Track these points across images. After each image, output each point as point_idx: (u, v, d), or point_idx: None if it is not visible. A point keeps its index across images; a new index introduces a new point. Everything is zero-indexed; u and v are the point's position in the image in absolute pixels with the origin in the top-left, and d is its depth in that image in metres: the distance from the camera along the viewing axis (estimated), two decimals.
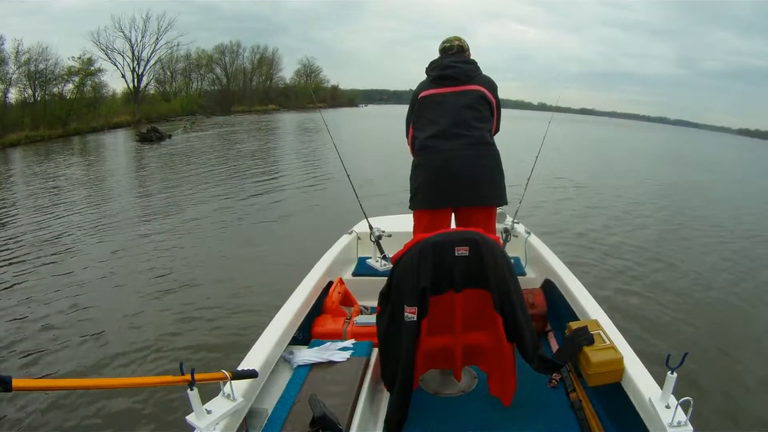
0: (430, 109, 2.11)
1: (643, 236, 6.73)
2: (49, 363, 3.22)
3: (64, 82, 25.18)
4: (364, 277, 2.76)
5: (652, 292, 4.61)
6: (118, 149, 17.09)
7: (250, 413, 1.50)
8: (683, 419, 1.25)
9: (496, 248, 1.62)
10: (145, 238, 6.07)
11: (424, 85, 2.18)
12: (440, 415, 1.74)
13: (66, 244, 5.86)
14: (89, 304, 4.13)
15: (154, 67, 35.34)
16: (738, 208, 9.62)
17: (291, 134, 22.97)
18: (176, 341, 3.47)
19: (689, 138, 49.98)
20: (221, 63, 42.89)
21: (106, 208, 7.73)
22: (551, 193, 9.30)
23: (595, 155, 19.78)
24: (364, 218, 3.03)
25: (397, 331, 1.62)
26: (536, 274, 2.70)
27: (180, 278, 4.73)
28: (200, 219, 6.98)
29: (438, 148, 2.05)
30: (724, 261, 5.79)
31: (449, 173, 2.03)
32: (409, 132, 2.23)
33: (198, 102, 36.13)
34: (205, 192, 8.85)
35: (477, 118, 2.08)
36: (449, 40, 2.22)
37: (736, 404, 2.89)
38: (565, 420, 1.69)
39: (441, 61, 2.16)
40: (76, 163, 13.51)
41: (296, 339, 1.97)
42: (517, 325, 1.62)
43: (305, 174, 10.87)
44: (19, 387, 0.88)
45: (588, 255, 5.59)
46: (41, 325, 3.75)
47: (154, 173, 11.43)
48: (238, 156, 13.99)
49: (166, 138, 17.70)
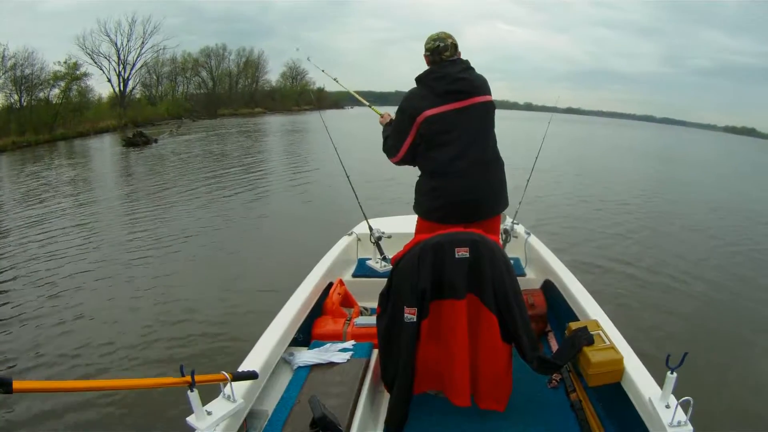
0: (442, 131, 1.96)
1: (643, 236, 6.73)
2: (50, 365, 3.22)
3: (50, 87, 24.98)
4: (364, 279, 2.77)
5: (653, 292, 4.61)
6: (105, 154, 16.98)
7: (250, 414, 1.50)
8: (683, 419, 1.26)
9: (496, 248, 1.62)
10: (145, 240, 6.07)
11: (423, 98, 1.97)
12: (440, 417, 1.74)
13: (64, 243, 5.86)
14: (89, 304, 4.13)
15: (140, 71, 35.19)
16: (740, 209, 9.62)
17: (280, 137, 22.87)
18: (176, 342, 3.47)
19: (674, 135, 50.27)
20: (207, 66, 42.73)
21: (106, 209, 7.74)
22: (550, 194, 9.30)
23: (588, 153, 19.83)
24: (364, 219, 3.03)
25: (397, 332, 1.62)
26: (536, 274, 2.71)
27: (179, 280, 4.73)
28: (196, 222, 6.96)
29: (457, 172, 1.97)
30: (725, 262, 5.79)
31: (473, 197, 1.99)
32: (403, 148, 2.04)
33: (184, 106, 35.83)
34: (198, 195, 8.79)
35: (489, 133, 2.04)
36: (441, 38, 1.99)
37: (737, 404, 2.89)
38: (565, 420, 1.69)
39: (446, 72, 1.96)
40: (64, 166, 13.36)
41: (296, 340, 1.97)
42: (516, 326, 1.62)
43: (302, 176, 10.87)
44: (19, 389, 0.88)
45: (588, 255, 5.59)
46: (41, 326, 3.75)
47: (145, 176, 11.26)
48: (229, 159, 13.90)
49: (152, 142, 17.61)
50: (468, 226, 2.03)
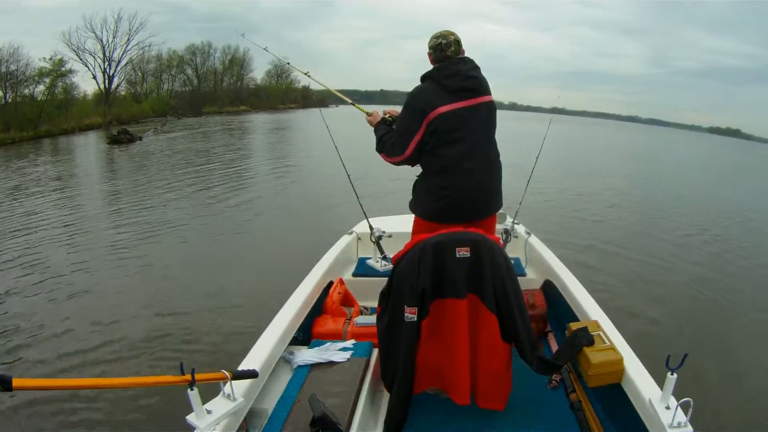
0: (453, 128, 1.95)
1: (643, 236, 6.73)
2: (49, 364, 3.22)
3: (35, 84, 24.48)
4: (365, 278, 2.77)
5: (653, 292, 4.61)
6: (90, 151, 16.85)
7: (250, 413, 1.50)
8: (683, 420, 1.26)
9: (496, 248, 1.62)
10: (143, 239, 6.07)
11: (435, 95, 1.95)
12: (440, 416, 1.74)
13: (61, 240, 5.87)
14: (88, 304, 4.13)
15: (125, 68, 34.50)
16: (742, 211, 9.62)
17: (268, 135, 22.79)
18: (176, 341, 3.47)
19: (658, 136, 50.34)
20: (192, 64, 42.07)
21: (104, 211, 7.74)
22: (550, 193, 9.30)
23: (578, 153, 19.81)
24: (365, 219, 3.03)
25: (397, 331, 1.62)
26: (536, 274, 2.70)
27: (178, 279, 4.73)
28: (192, 221, 6.94)
29: (466, 170, 1.97)
30: (726, 262, 5.79)
31: (477, 196, 2.02)
32: (411, 145, 1.99)
33: (169, 103, 35.33)
34: (195, 195, 8.71)
35: (492, 133, 2.07)
36: (443, 35, 2.00)
37: (737, 404, 2.88)
38: (565, 421, 1.69)
39: (458, 69, 1.96)
40: (49, 163, 13.14)
41: (296, 339, 1.97)
42: (516, 326, 1.62)
43: (300, 175, 10.85)
44: (19, 386, 0.88)
45: (587, 255, 5.59)
46: (40, 325, 3.75)
47: (134, 175, 11.00)
48: (220, 158, 13.79)
49: (137, 140, 17.53)
50: (467, 226, 2.03)
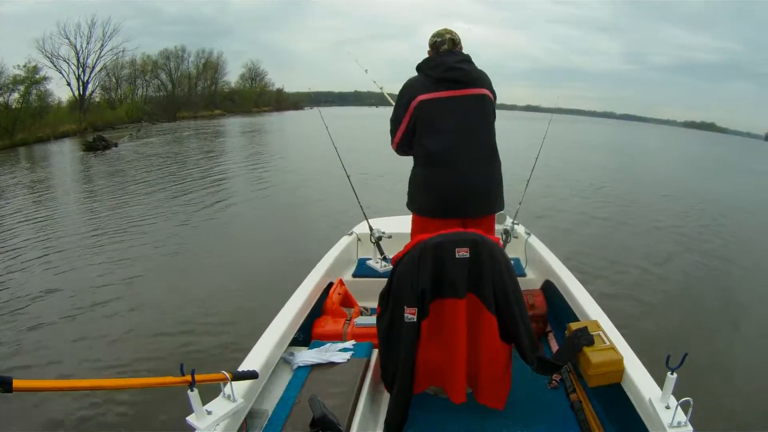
0: (435, 116, 1.98)
1: (643, 236, 6.73)
2: (49, 365, 3.22)
3: (10, 92, 24.13)
4: (364, 278, 2.77)
5: (653, 292, 4.60)
6: (65, 159, 16.64)
7: (250, 414, 1.50)
8: (683, 420, 1.26)
9: (496, 248, 1.62)
10: (140, 239, 6.08)
11: (420, 84, 2.00)
12: (441, 417, 1.74)
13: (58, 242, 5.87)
14: (88, 304, 4.13)
15: (99, 74, 34.42)
16: (737, 207, 9.62)
17: (241, 138, 22.79)
18: (176, 342, 3.47)
19: (631, 131, 50.30)
20: (166, 68, 42.01)
21: (104, 211, 7.75)
22: (550, 193, 9.30)
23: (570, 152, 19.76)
24: (364, 219, 3.03)
25: (397, 332, 1.62)
26: (536, 275, 2.70)
27: (179, 279, 4.73)
28: (188, 223, 6.94)
29: (450, 163, 1.96)
30: (726, 263, 5.78)
31: (464, 191, 1.98)
32: (398, 133, 2.08)
33: (143, 109, 35.20)
34: (189, 198, 8.68)
35: (484, 125, 2.03)
36: (440, 33, 2.05)
37: (737, 404, 2.88)
38: (565, 421, 1.69)
39: (442, 60, 1.99)
40: (24, 172, 12.84)
41: (296, 340, 1.97)
42: (516, 327, 1.62)
43: (297, 176, 10.82)
44: (20, 388, 0.88)
45: (587, 255, 5.58)
46: (40, 326, 3.75)
47: (122, 180, 10.73)
48: (203, 161, 13.75)
49: (112, 146, 17.50)
50: (465, 225, 2.04)
